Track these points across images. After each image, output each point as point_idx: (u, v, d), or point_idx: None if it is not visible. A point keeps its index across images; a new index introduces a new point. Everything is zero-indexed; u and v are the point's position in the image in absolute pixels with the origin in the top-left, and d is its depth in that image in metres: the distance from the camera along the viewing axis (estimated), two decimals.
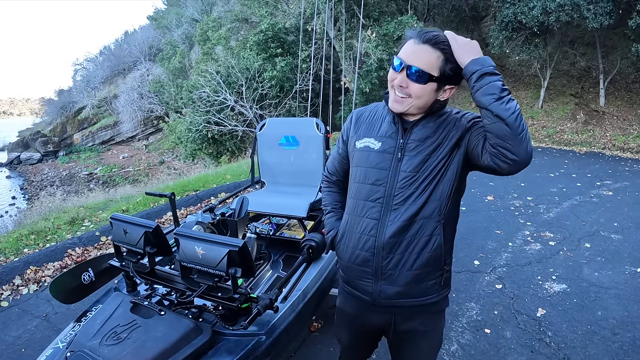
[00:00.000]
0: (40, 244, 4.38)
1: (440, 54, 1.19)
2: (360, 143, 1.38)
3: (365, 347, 1.66)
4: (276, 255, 2.69)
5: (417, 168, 1.28)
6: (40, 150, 31.02)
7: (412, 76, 1.20)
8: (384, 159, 1.32)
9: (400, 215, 1.30)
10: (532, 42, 12.40)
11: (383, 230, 1.32)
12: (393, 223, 1.31)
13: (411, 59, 1.20)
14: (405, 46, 1.23)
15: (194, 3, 29.49)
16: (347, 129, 1.47)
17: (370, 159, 1.35)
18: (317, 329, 2.81)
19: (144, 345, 1.38)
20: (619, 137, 11.48)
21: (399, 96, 1.25)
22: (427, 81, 1.20)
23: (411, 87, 1.22)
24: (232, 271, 1.42)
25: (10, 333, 2.92)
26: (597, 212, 5.60)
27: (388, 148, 1.32)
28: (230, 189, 6.46)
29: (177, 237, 1.52)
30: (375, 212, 1.34)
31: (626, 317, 3.06)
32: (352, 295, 1.47)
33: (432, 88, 1.23)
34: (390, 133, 1.33)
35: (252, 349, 1.54)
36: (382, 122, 1.37)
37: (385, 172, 1.32)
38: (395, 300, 1.38)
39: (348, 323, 1.55)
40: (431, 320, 1.45)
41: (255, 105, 14.19)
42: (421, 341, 1.46)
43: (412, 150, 1.29)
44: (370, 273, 1.37)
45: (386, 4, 14.32)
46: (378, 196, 1.33)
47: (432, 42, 1.19)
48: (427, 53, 1.19)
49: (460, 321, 3.01)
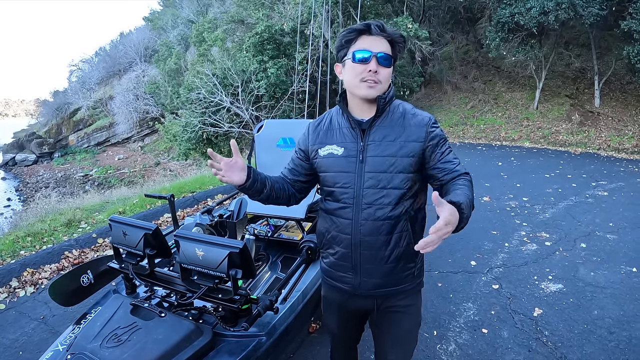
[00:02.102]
0: (36, 246, 4.36)
1: (387, 41, 1.36)
2: (324, 151, 1.46)
3: (353, 331, 1.76)
4: (274, 256, 2.69)
5: (380, 169, 1.37)
6: (35, 152, 30.81)
7: (382, 61, 1.34)
8: (349, 163, 1.41)
9: (370, 215, 1.39)
10: (528, 43, 12.47)
11: (358, 229, 1.41)
12: (365, 222, 1.40)
13: (376, 48, 1.34)
14: (359, 41, 1.35)
15: (189, 4, 29.46)
16: (304, 140, 1.54)
17: (335, 164, 1.43)
18: (316, 330, 2.82)
19: (145, 347, 1.38)
20: (614, 137, 11.55)
21: (371, 83, 1.35)
22: (392, 64, 1.37)
23: (381, 72, 1.35)
24: (233, 273, 1.43)
25: (7, 336, 2.91)
26: (593, 213, 5.64)
27: (350, 152, 1.41)
28: (227, 190, 6.45)
29: (177, 239, 1.52)
30: (348, 213, 1.42)
31: (622, 316, 3.09)
32: (333, 286, 1.59)
33: (391, 70, 1.39)
34: (350, 138, 1.42)
35: (253, 350, 1.55)
36: (341, 128, 1.46)
37: (351, 175, 1.40)
38: (373, 291, 1.50)
39: (335, 309, 1.66)
40: (408, 298, 1.55)
41: (252, 107, 14.18)
42: (401, 318, 1.56)
43: (373, 151, 1.38)
44: (350, 267, 1.48)
45: (382, 6, 14.36)
46: (347, 198, 1.41)
47: (384, 33, 1.35)
48: (383, 41, 1.35)
49: (458, 321, 3.02)
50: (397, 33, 1.38)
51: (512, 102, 14.71)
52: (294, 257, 2.67)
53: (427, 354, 2.64)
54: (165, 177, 16.45)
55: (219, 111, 14.14)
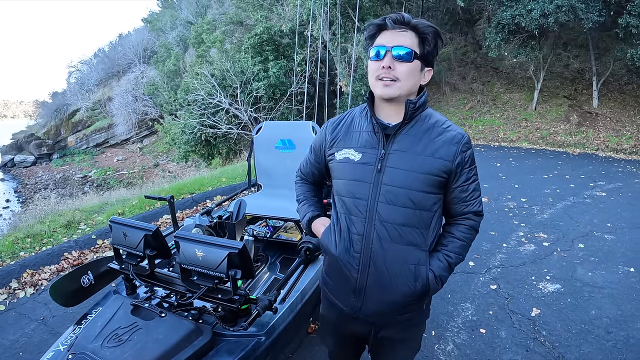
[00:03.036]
0: (36, 247, 4.36)
1: (414, 34, 1.20)
2: (340, 154, 1.32)
3: (351, 352, 1.63)
4: (273, 257, 2.71)
5: (399, 183, 1.23)
6: (34, 153, 30.80)
7: (399, 56, 1.18)
8: (365, 171, 1.26)
9: (383, 234, 1.25)
10: (528, 45, 12.52)
11: (369, 247, 1.27)
12: (379, 241, 1.25)
13: (393, 42, 1.19)
14: (379, 37, 1.23)
15: (188, 5, 29.50)
16: (321, 140, 1.43)
17: (350, 171, 1.29)
18: (314, 330, 2.83)
19: (146, 347, 1.39)
20: (612, 138, 11.60)
21: (387, 81, 1.20)
22: (413, 58, 1.19)
23: (398, 69, 1.19)
24: (232, 273, 1.44)
25: (7, 337, 2.91)
26: (591, 213, 5.66)
27: (369, 159, 1.26)
28: (226, 191, 6.47)
29: (178, 240, 1.53)
30: (359, 227, 1.28)
31: (619, 316, 3.11)
32: (333, 305, 1.45)
33: (417, 67, 1.21)
34: (371, 143, 1.27)
35: (252, 349, 1.56)
36: (362, 131, 1.31)
37: (366, 186, 1.26)
38: (374, 318, 1.36)
39: (331, 329, 1.54)
40: (411, 329, 1.43)
41: (251, 108, 14.20)
42: (400, 348, 1.46)
43: (395, 162, 1.23)
44: (353, 289, 1.33)
45: (380, 7, 14.38)
46: (360, 210, 1.27)
47: (402, 26, 1.20)
48: (405, 34, 1.20)
49: (456, 321, 3.04)
50: (423, 23, 1.20)
51: (511, 103, 14.75)
52: (293, 257, 2.68)
53: (425, 354, 2.66)
54: (164, 178, 16.48)
55: (217, 112, 14.17)
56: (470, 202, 1.31)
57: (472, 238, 1.36)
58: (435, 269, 1.29)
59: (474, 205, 1.32)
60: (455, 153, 1.23)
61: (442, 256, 1.31)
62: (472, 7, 16.05)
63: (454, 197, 1.30)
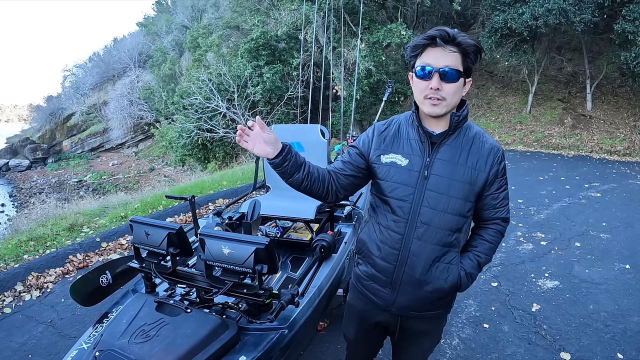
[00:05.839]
0: (40, 250, 4.38)
1: (457, 50, 1.24)
2: (387, 158, 1.39)
3: (371, 344, 1.71)
4: (284, 256, 2.78)
5: (442, 190, 1.33)
6: (29, 157, 30.58)
7: (446, 77, 1.23)
8: (411, 176, 1.35)
9: (424, 235, 1.35)
10: (520, 48, 12.68)
11: (408, 245, 1.37)
12: (418, 241, 1.36)
13: (439, 62, 1.23)
14: (425, 53, 1.27)
15: (184, 10, 29.50)
16: (367, 141, 1.45)
17: (397, 175, 1.37)
18: (324, 327, 2.90)
19: (175, 341, 1.43)
20: (606, 140, 11.76)
21: (434, 100, 1.27)
22: (458, 78, 1.25)
23: (445, 89, 1.25)
24: (259, 268, 1.50)
25: (15, 339, 2.90)
26: (586, 213, 5.78)
27: (415, 166, 1.35)
28: (227, 194, 6.51)
29: (203, 237, 1.58)
30: (400, 227, 1.37)
31: (617, 310, 3.21)
32: (364, 295, 1.54)
33: (461, 84, 1.28)
34: (418, 151, 1.36)
35: (277, 342, 1.62)
36: (409, 140, 1.38)
37: (411, 189, 1.35)
38: (405, 311, 1.47)
39: (356, 318, 1.62)
40: (435, 322, 1.56)
41: (248, 112, 14.24)
42: (423, 339, 1.58)
43: (439, 170, 1.33)
44: (388, 283, 1.44)
45: (376, 12, 14.51)
46: (403, 211, 1.36)
47: (450, 45, 1.24)
48: (450, 53, 1.24)
49: (460, 317, 3.12)
50: (470, 42, 1.24)
51: (505, 107, 14.90)
52: (303, 257, 2.76)
53: None
54: (161, 182, 16.44)
55: (214, 116, 14.19)
56: (499, 209, 1.44)
57: (499, 242, 1.49)
58: (467, 267, 1.44)
59: (503, 212, 1.45)
60: (492, 164, 1.36)
61: (472, 256, 1.46)
62: (467, 12, 16.25)
63: (485, 203, 1.42)
